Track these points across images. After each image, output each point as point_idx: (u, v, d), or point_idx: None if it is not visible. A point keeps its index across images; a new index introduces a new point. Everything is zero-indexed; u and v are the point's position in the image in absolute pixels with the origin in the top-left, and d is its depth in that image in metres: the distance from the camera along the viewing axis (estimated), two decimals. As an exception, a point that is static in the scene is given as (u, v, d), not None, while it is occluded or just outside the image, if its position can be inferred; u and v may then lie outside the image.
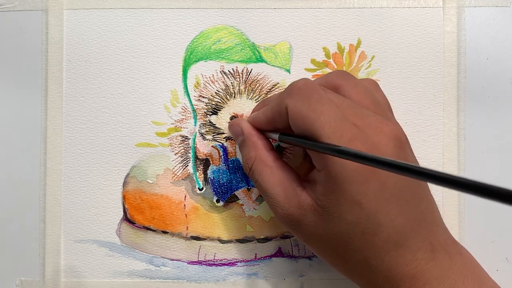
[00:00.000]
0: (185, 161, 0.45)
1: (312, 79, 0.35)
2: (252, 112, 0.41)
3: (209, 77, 0.45)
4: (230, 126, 0.39)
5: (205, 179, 0.45)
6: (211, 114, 0.45)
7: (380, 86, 0.38)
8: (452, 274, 0.30)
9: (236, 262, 0.45)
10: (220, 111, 0.45)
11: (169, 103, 0.45)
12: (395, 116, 0.36)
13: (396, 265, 0.29)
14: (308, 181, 0.33)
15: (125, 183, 0.45)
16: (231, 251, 0.45)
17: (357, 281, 0.32)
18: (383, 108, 0.34)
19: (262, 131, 0.37)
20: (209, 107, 0.45)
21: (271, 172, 0.34)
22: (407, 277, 0.29)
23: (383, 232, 0.29)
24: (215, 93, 0.45)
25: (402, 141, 0.31)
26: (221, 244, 0.45)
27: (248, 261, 0.45)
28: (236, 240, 0.45)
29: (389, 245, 0.29)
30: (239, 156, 0.45)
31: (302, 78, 0.33)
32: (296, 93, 0.31)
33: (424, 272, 0.30)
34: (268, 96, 0.45)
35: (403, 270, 0.29)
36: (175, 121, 0.45)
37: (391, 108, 0.37)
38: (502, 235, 0.45)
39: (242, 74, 0.45)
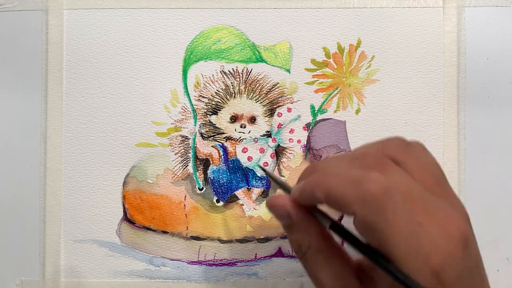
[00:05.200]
0: (185, 161, 0.45)
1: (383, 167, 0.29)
2: (299, 180, 0.33)
3: (209, 77, 0.45)
4: (271, 207, 0.32)
5: (205, 179, 0.45)
6: (211, 114, 0.45)
7: (380, 86, 0.37)
8: None
9: (236, 262, 0.45)
10: (220, 111, 0.45)
11: (169, 103, 0.45)
12: (395, 116, 0.36)
13: None
14: (366, 276, 0.30)
15: (125, 183, 0.45)
16: (231, 251, 0.45)
17: None
18: (446, 188, 0.31)
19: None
20: (209, 107, 0.45)
21: (328, 263, 0.31)
22: None
23: None
24: (215, 93, 0.45)
25: (467, 241, 0.28)
26: (221, 244, 0.45)
27: (248, 261, 0.45)
28: (236, 240, 0.45)
29: None
30: (239, 156, 0.45)
31: (375, 174, 0.27)
32: (372, 204, 0.26)
33: None
34: (268, 95, 0.45)
35: None
36: (175, 121, 0.45)
37: (447, 181, 0.33)
38: (502, 235, 0.45)
39: (242, 74, 0.45)
